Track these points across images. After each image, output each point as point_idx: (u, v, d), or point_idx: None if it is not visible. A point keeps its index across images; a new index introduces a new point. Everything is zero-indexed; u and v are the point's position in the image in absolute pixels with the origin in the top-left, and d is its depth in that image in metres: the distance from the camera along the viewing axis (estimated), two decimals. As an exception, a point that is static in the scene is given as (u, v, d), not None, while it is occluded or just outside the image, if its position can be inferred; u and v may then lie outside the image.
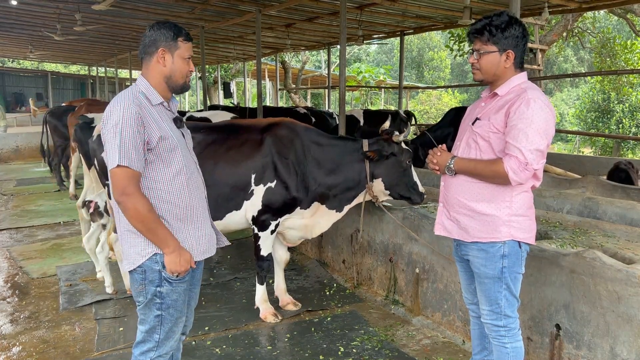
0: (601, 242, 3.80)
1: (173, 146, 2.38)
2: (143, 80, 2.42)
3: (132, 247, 2.36)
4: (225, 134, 4.15)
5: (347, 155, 4.15)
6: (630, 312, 2.76)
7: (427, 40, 38.43)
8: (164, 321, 2.43)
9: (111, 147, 2.23)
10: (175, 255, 2.33)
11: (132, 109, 2.25)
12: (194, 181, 2.51)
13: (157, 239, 2.31)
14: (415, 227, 4.25)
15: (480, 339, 2.99)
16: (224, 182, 3.98)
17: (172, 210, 2.39)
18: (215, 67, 22.27)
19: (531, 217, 2.65)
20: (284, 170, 4.02)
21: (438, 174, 2.81)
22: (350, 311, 4.44)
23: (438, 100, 27.28)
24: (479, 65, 2.62)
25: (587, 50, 21.53)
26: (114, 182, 2.24)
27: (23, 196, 9.63)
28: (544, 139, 2.45)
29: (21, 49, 17.69)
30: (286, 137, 4.09)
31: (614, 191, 5.24)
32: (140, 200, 2.25)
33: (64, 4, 9.23)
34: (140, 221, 2.26)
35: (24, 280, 5.19)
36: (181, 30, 2.45)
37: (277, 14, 9.85)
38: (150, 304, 2.40)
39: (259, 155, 4.03)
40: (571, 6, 8.68)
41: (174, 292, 2.42)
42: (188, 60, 2.46)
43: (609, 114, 19.15)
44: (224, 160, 4.01)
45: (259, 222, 4.12)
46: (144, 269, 2.36)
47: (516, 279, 2.66)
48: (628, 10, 13.02)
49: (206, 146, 4.00)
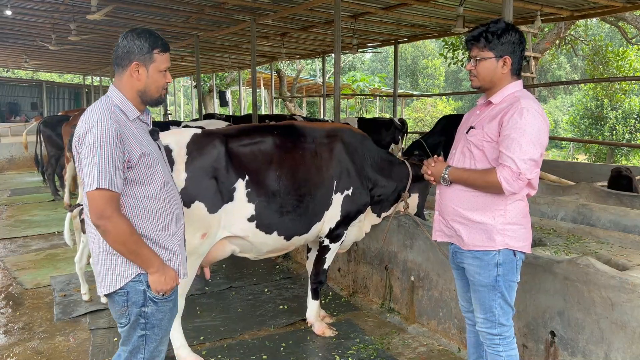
0: (595, 249, 3.83)
1: (154, 162, 2.28)
2: (117, 92, 2.27)
3: (110, 269, 2.23)
4: (294, 138, 3.80)
5: (397, 164, 4.25)
6: (624, 318, 2.77)
7: (421, 48, 38.64)
8: (149, 341, 2.34)
9: (89, 168, 2.10)
10: (160, 274, 2.24)
11: (110, 126, 2.11)
12: (174, 197, 2.42)
13: (140, 259, 2.20)
14: (410, 235, 4.25)
15: (475, 347, 3.00)
16: (306, 191, 3.70)
17: (155, 228, 2.29)
18: (210, 75, 22.29)
19: (526, 225, 2.64)
20: (357, 176, 3.94)
21: (434, 184, 2.81)
22: (346, 319, 4.43)
23: (433, 108, 27.35)
24: (477, 72, 2.61)
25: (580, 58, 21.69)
26: (91, 205, 2.12)
27: (17, 206, 9.59)
28: (538, 149, 2.44)
29: (16, 59, 17.69)
30: (352, 143, 3.99)
31: (608, 198, 5.27)
32: (121, 222, 2.13)
33: (59, 14, 9.26)
34: (122, 243, 2.15)
35: (17, 290, 5.16)
36: (157, 40, 2.28)
37: (272, 23, 9.90)
38: (134, 324, 2.30)
39: (335, 161, 3.84)
40: (563, 14, 8.77)
41: (159, 311, 2.32)
42: (164, 72, 2.32)
43: (602, 121, 19.27)
44: (304, 167, 3.72)
45: (335, 234, 3.96)
46: (126, 290, 2.24)
47: (510, 287, 2.65)
48: (620, 18, 13.15)
49: (278, 151, 3.68)
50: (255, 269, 5.71)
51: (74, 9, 8.61)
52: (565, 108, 28.61)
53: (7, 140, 16.40)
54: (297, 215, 3.67)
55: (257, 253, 3.80)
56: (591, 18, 11.37)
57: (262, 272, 5.67)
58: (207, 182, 3.36)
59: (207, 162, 3.38)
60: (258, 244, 3.65)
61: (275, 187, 3.57)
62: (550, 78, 32.55)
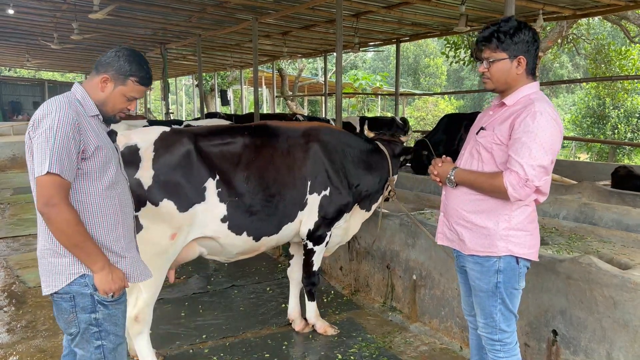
0: (597, 248, 3.83)
1: (108, 158, 2.23)
2: (81, 89, 2.26)
3: (53, 267, 2.15)
4: (267, 138, 3.76)
5: (376, 154, 4.18)
6: (626, 317, 2.77)
7: (423, 47, 38.58)
8: (106, 351, 2.23)
9: (41, 152, 2.03)
10: (106, 273, 2.14)
11: (69, 114, 2.08)
12: (126, 199, 2.35)
13: (84, 254, 2.11)
14: (412, 233, 4.26)
15: (477, 349, 2.95)
16: (275, 191, 3.65)
17: (101, 226, 2.21)
18: (212, 74, 22.32)
19: (533, 232, 2.55)
20: (336, 176, 3.86)
21: (440, 185, 2.75)
22: (348, 318, 4.44)
23: (434, 107, 27.34)
24: (490, 74, 2.50)
25: (582, 57, 21.66)
26: (39, 191, 2.05)
27: (20, 205, 9.60)
28: (548, 155, 2.34)
29: (18, 58, 17.74)
30: (330, 142, 3.93)
31: (610, 197, 5.26)
32: (67, 212, 2.05)
33: (61, 13, 9.28)
34: (67, 234, 2.07)
35: (20, 289, 5.17)
36: (140, 71, 2.28)
37: (273, 22, 9.91)
38: (86, 334, 2.19)
39: (309, 161, 3.78)
40: (565, 13, 8.76)
41: (112, 315, 2.23)
42: (130, 100, 2.32)
43: (604, 120, 19.25)
44: (275, 167, 3.67)
45: (316, 236, 3.91)
46: (71, 294, 2.15)
47: (512, 294, 2.57)
48: (622, 17, 13.13)
49: (248, 150, 3.62)
50: (258, 268, 5.73)
51: (76, 8, 8.62)
52: (567, 107, 28.55)
53: (10, 139, 16.42)
54: (266, 215, 3.59)
55: (227, 255, 3.71)
56: (593, 17, 11.34)
57: (264, 270, 5.68)
58: (175, 180, 3.28)
59: (174, 159, 3.29)
60: (228, 245, 3.57)
61: (245, 186, 3.50)
62: (552, 77, 32.50)
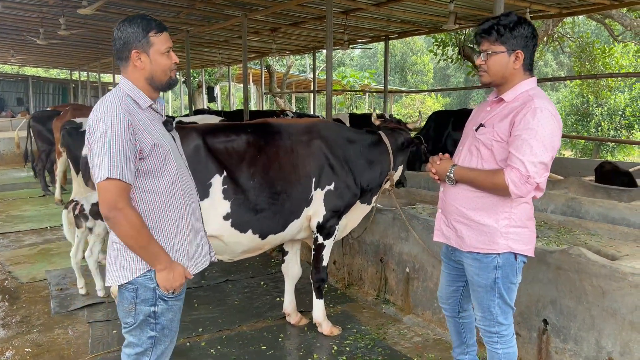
0: (585, 240, 3.93)
1: (166, 153, 2.20)
2: (127, 82, 2.20)
3: (120, 261, 2.18)
4: (270, 135, 3.75)
5: (378, 147, 4.13)
6: (614, 306, 2.87)
7: (410, 44, 38.78)
8: (158, 343, 2.26)
9: (100, 158, 2.03)
10: (168, 272, 2.17)
11: (121, 115, 2.06)
12: (189, 189, 2.35)
13: (148, 255, 2.14)
14: (405, 227, 4.33)
15: (457, 335, 3.03)
16: (282, 189, 3.65)
17: (166, 222, 2.22)
18: (199, 71, 22.20)
19: (531, 228, 2.59)
20: (340, 170, 3.86)
21: (438, 183, 2.76)
22: (342, 311, 4.50)
23: (421, 104, 27.53)
24: (487, 66, 2.50)
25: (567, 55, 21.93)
26: (102, 196, 2.05)
27: (7, 202, 9.52)
28: (549, 151, 2.35)
29: (2, 54, 17.49)
30: (331, 137, 3.92)
31: (596, 192, 5.39)
32: (131, 216, 2.06)
33: (48, 8, 9.18)
34: (133, 237, 2.09)
35: (13, 285, 5.16)
36: (150, 22, 2.18)
37: (263, 19, 9.91)
38: (142, 325, 2.22)
39: (313, 157, 3.78)
40: (552, 11, 8.89)
41: (170, 310, 2.26)
42: (167, 53, 2.22)
43: (588, 117, 19.58)
44: (280, 164, 3.66)
45: (326, 230, 3.90)
46: (135, 286, 2.18)
47: (510, 289, 2.61)
48: (606, 16, 13.33)
49: (253, 148, 3.62)
50: (251, 263, 5.76)
51: (63, 3, 8.54)
52: (551, 104, 28.93)
53: (-6, 135, 16.20)
54: (273, 213, 3.61)
55: (231, 254, 3.71)
56: (579, 15, 11.51)
57: (257, 265, 5.72)
58: None
59: None
60: (232, 243, 3.57)
61: (251, 184, 3.51)
62: (537, 75, 32.84)
